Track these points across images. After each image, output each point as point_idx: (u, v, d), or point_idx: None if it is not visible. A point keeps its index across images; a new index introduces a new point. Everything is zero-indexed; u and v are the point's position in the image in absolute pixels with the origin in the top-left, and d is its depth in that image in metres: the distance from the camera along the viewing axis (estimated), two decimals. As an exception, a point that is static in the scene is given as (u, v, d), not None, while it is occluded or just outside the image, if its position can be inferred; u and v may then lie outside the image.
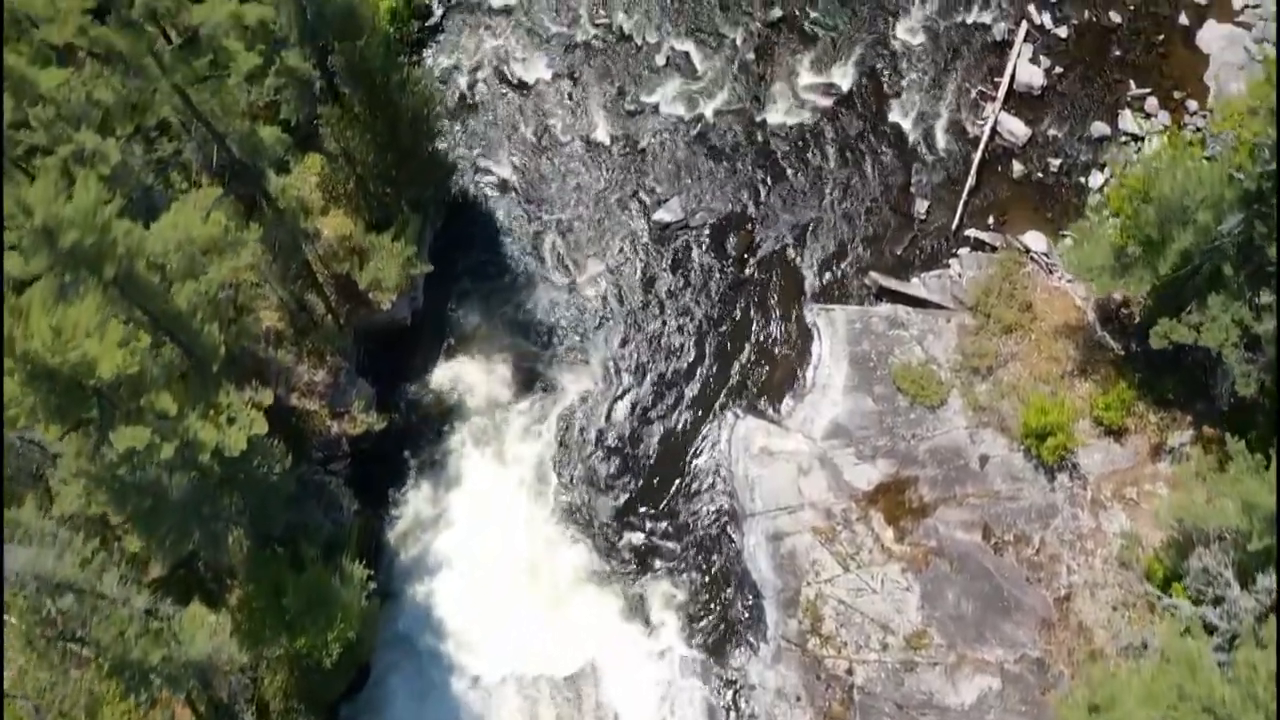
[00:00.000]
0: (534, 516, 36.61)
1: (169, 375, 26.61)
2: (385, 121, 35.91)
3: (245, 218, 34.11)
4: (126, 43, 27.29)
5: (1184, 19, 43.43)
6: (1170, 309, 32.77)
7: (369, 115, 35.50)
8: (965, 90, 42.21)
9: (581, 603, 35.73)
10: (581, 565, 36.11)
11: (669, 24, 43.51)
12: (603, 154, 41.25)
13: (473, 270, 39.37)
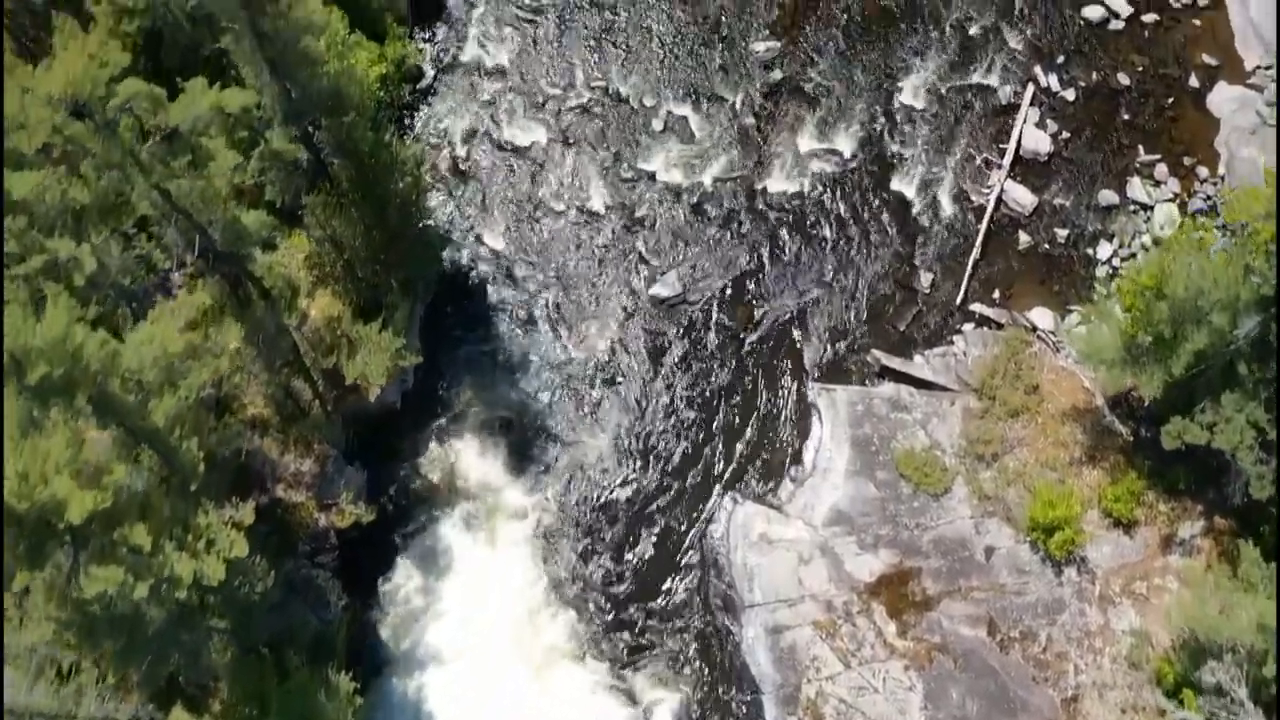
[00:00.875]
0: (527, 603, 35.65)
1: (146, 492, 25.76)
2: (373, 204, 34.96)
3: (231, 295, 33.36)
4: (103, 147, 26.27)
5: (1194, 80, 42.36)
6: (1182, 402, 31.80)
7: (357, 197, 34.57)
8: (970, 156, 41.17)
9: (575, 693, 34.81)
10: (575, 654, 35.20)
11: (666, 86, 42.45)
12: (598, 224, 40.23)
13: (465, 347, 38.37)
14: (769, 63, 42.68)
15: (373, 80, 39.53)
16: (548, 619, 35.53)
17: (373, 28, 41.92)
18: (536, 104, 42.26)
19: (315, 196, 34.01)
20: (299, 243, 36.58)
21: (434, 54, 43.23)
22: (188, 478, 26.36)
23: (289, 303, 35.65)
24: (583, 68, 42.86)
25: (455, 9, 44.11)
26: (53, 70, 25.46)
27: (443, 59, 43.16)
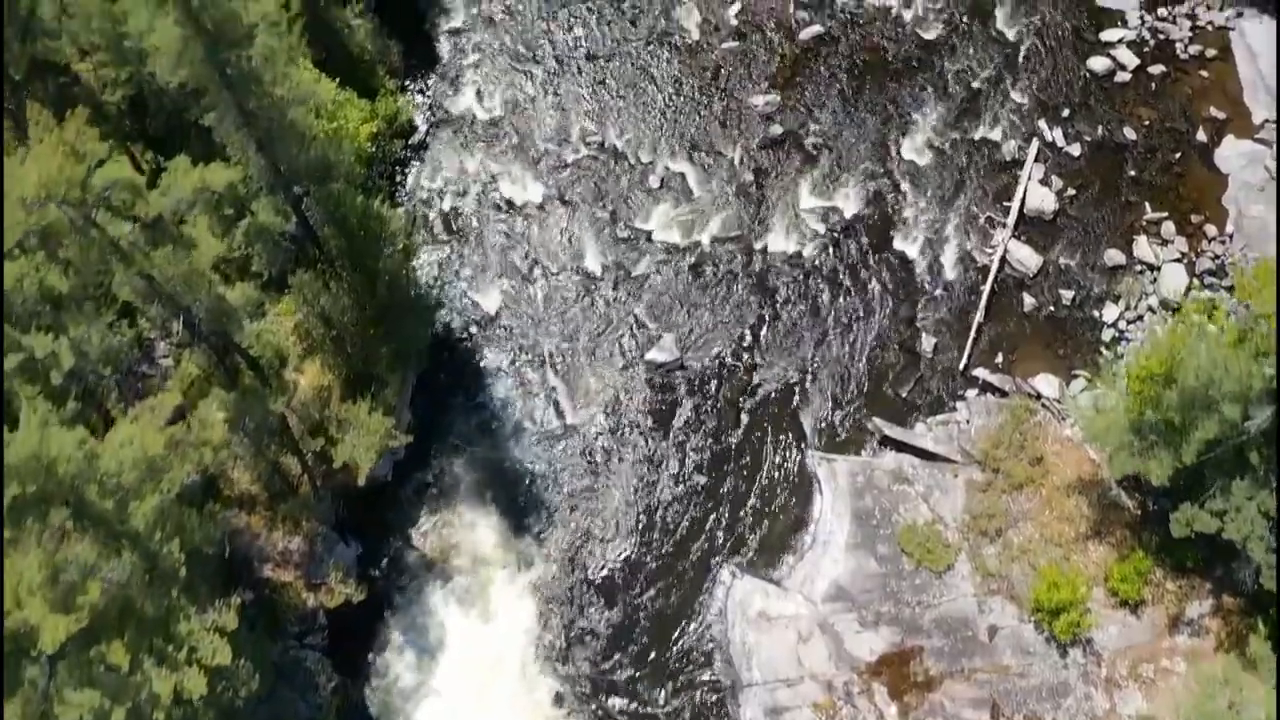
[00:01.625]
0: (520, 682, 34.89)
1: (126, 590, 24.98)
2: (363, 275, 34.25)
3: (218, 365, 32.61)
4: (79, 247, 25.48)
5: (1201, 135, 41.53)
6: (1192, 486, 31.02)
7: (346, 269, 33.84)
8: (974, 215, 40.37)
9: (569, 776, 34.19)
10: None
11: (664, 141, 41.63)
12: (594, 285, 39.42)
13: (458, 415, 37.60)
14: (768, 116, 41.86)
15: (364, 139, 38.83)
16: (542, 696, 34.78)
17: (365, 81, 41.23)
18: (531, 159, 41.45)
19: (303, 274, 33.27)
20: (288, 309, 35.86)
21: (427, 106, 42.46)
22: (169, 581, 25.61)
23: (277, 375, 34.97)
24: (578, 121, 42.05)
25: (449, 59, 43.35)
26: (27, 167, 24.68)
27: (436, 111, 42.37)
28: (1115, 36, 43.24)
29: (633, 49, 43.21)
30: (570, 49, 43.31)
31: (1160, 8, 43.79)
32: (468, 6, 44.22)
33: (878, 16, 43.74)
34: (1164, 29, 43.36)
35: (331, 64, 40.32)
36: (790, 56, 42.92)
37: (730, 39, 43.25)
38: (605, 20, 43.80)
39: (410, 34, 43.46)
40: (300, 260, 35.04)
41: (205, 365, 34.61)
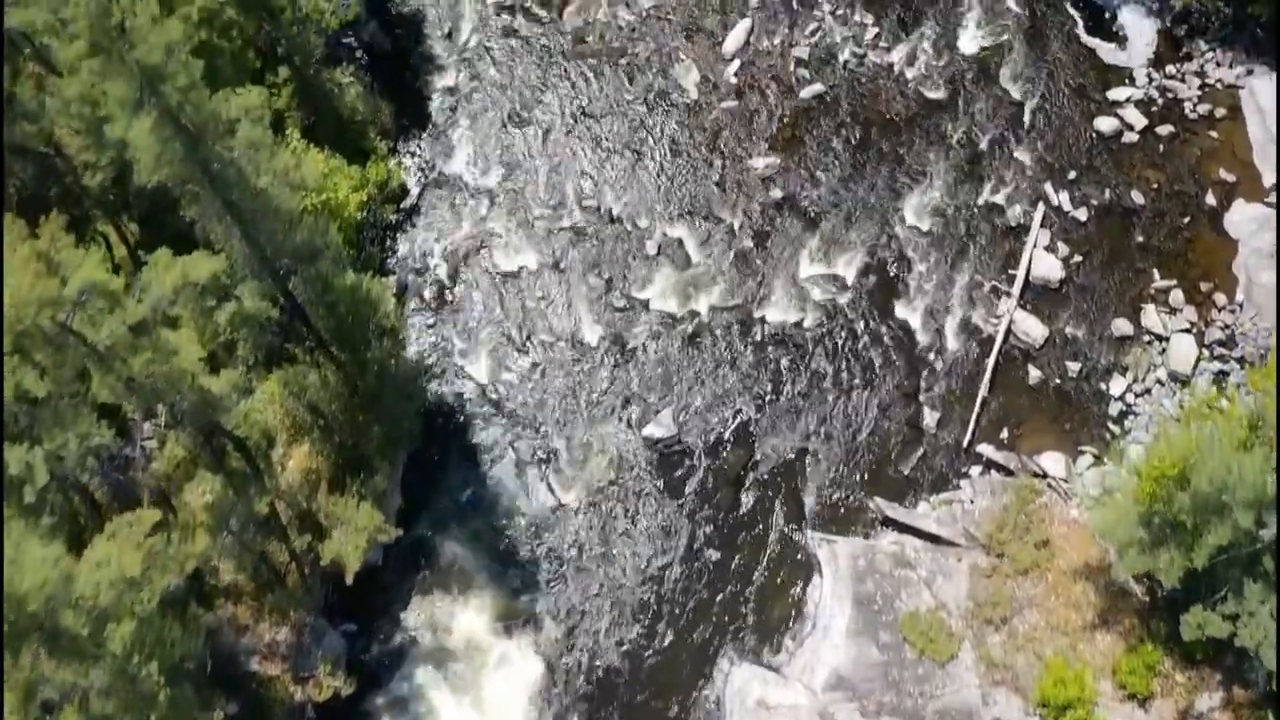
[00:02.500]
0: (514, 771, 34.18)
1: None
2: (351, 356, 33.44)
3: (205, 446, 31.82)
4: (52, 360, 24.63)
5: (1211, 198, 40.64)
6: (1203, 585, 30.17)
7: (336, 354, 33.02)
8: (978, 283, 39.48)
9: None
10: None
11: (661, 205, 40.74)
12: (590, 356, 38.55)
13: (450, 493, 36.76)
14: (768, 179, 40.98)
15: (354, 208, 37.97)
16: (535, 787, 34.05)
17: (356, 142, 40.45)
18: (525, 223, 40.56)
19: (289, 367, 32.47)
20: (275, 388, 34.99)
21: (419, 168, 41.59)
22: (149, 706, 24.77)
23: (265, 456, 34.19)
24: (574, 184, 41.15)
25: (441, 118, 42.46)
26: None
27: (428, 173, 41.50)
28: (1123, 95, 42.34)
29: (630, 108, 42.31)
30: (566, 107, 42.40)
31: (1169, 65, 42.89)
32: (461, 64, 43.33)
33: (880, 74, 42.84)
34: (1172, 88, 42.45)
35: (321, 127, 39.68)
36: (790, 116, 42.01)
37: (729, 98, 42.36)
38: (602, 78, 42.90)
39: (402, 93, 42.57)
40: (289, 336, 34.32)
41: (190, 447, 33.86)
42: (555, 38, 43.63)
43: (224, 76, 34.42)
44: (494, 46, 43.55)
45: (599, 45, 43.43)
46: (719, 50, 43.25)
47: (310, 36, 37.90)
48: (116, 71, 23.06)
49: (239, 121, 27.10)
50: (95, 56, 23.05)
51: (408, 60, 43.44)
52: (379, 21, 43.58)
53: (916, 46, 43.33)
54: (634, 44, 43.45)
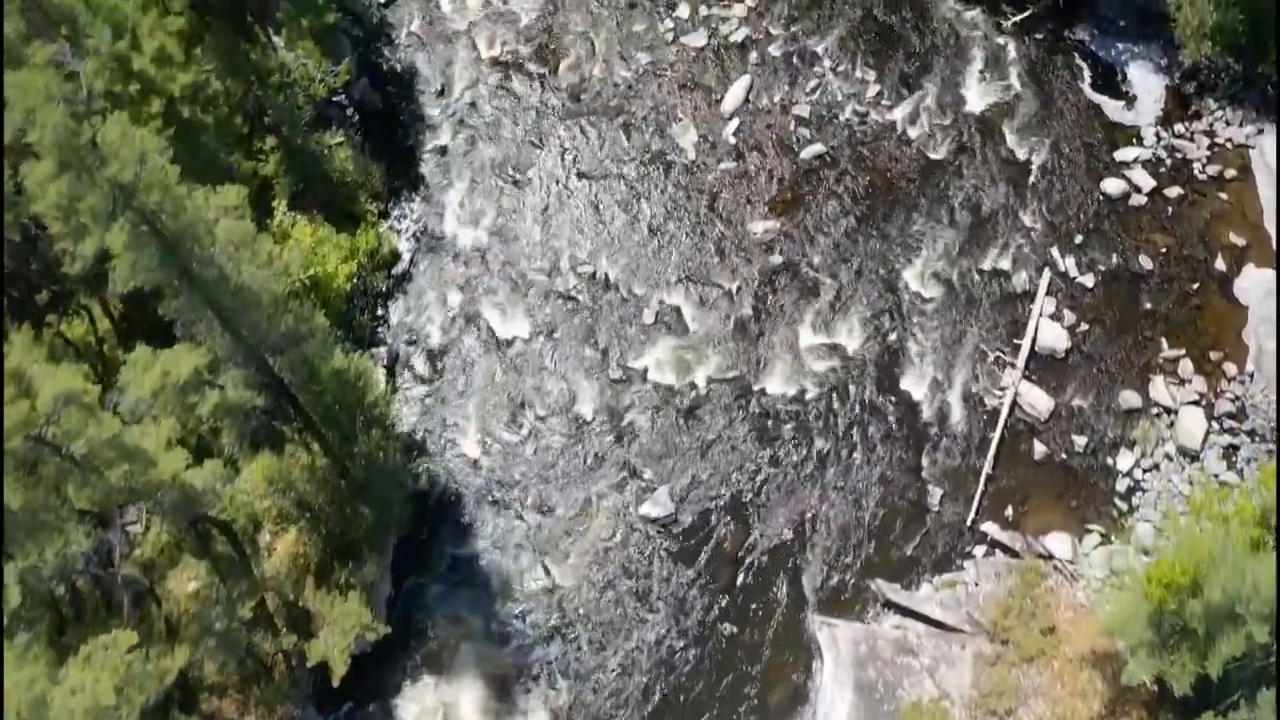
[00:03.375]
0: None
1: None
2: (342, 449, 32.58)
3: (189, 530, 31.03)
4: (19, 499, 23.73)
5: (1220, 263, 39.71)
6: (1215, 690, 29.28)
7: (322, 442, 32.16)
8: (983, 353, 38.54)
9: None
10: None
11: (658, 271, 39.83)
12: (584, 430, 37.64)
13: (441, 574, 35.82)
14: (768, 244, 40.08)
15: (342, 280, 37.10)
16: None
17: (345, 206, 39.60)
18: (519, 290, 39.67)
19: (274, 456, 31.62)
20: (262, 472, 34.10)
21: (411, 232, 40.72)
22: None
23: (251, 540, 33.43)
24: (569, 248, 40.26)
25: (433, 179, 41.59)
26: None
27: (420, 238, 40.61)
28: (1131, 156, 41.42)
29: (626, 169, 41.42)
30: (560, 168, 41.54)
31: (1178, 123, 42.00)
32: (453, 122, 42.46)
33: (883, 134, 41.93)
34: (1181, 147, 41.55)
35: (310, 192, 38.89)
36: (791, 178, 41.12)
37: (728, 159, 41.47)
38: (598, 137, 42.00)
39: (393, 152, 41.75)
40: (277, 414, 33.45)
41: (174, 532, 33.14)
42: (550, 95, 42.75)
43: (207, 153, 33.68)
44: (487, 104, 42.68)
45: (595, 103, 42.54)
46: (718, 108, 42.36)
47: (298, 103, 36.98)
48: (87, 189, 22.14)
49: (218, 223, 26.18)
50: (63, 175, 22.13)
51: (399, 118, 42.62)
52: (370, 79, 42.75)
53: (920, 104, 42.43)
54: (630, 101, 42.56)
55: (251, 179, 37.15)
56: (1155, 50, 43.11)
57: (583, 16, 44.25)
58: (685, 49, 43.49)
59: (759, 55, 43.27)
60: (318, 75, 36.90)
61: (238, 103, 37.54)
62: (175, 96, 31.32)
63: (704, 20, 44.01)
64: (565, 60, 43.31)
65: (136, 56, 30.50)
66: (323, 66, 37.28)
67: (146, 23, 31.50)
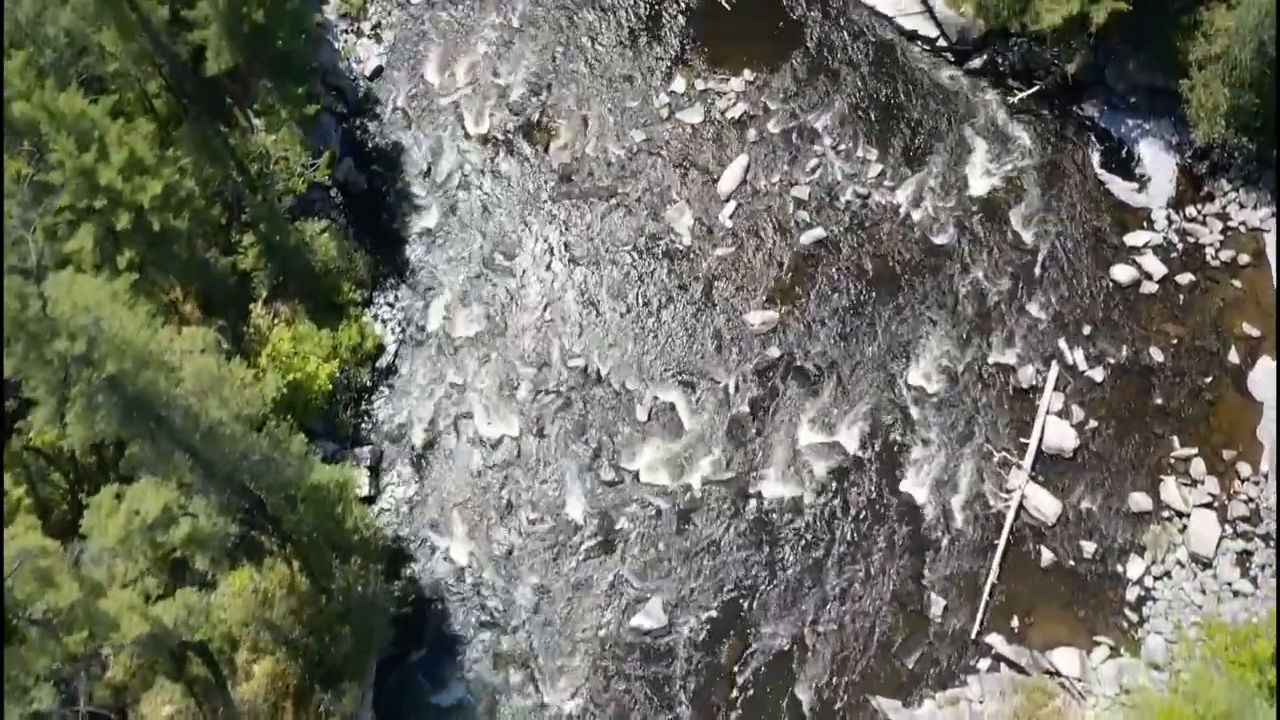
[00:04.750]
0: None
1: None
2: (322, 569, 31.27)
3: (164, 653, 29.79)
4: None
5: (1234, 355, 38.36)
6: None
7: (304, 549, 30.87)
8: (988, 453, 37.19)
9: None
10: None
11: (652, 366, 38.43)
12: (575, 536, 36.30)
13: (426, 695, 34.49)
14: (765, 336, 38.69)
15: (324, 381, 35.72)
16: None
17: (328, 296, 38.19)
18: (508, 385, 38.29)
19: (253, 571, 30.28)
20: (237, 585, 32.78)
21: (396, 321, 39.28)
22: None
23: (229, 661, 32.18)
24: (559, 340, 38.86)
25: (420, 265, 40.18)
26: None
27: (406, 328, 39.20)
28: (1141, 240, 40.04)
29: (619, 255, 40.01)
30: (551, 254, 40.13)
31: (1189, 206, 40.59)
32: (440, 204, 41.01)
33: (885, 217, 40.52)
34: (1193, 231, 40.17)
35: (293, 282, 37.50)
36: (789, 265, 39.72)
37: (725, 244, 40.06)
38: (590, 220, 40.58)
39: (378, 236, 40.39)
40: (255, 524, 32.15)
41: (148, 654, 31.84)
42: (540, 175, 41.32)
43: (179, 262, 32.36)
44: (475, 185, 41.22)
45: (587, 183, 41.11)
46: (714, 189, 40.93)
47: (278, 196, 35.59)
48: (36, 367, 20.79)
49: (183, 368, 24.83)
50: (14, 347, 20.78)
51: (384, 199, 41.18)
52: (354, 158, 41.31)
53: (923, 185, 41.00)
54: (624, 182, 41.13)
55: (229, 275, 35.86)
56: (1166, 127, 41.69)
57: (575, 89, 42.78)
58: (681, 125, 42.04)
59: (757, 132, 41.82)
60: (297, 168, 35.47)
61: (215, 191, 36.20)
62: (145, 208, 29.89)
63: (700, 95, 42.54)
64: (557, 138, 41.85)
65: (104, 169, 29.07)
66: (302, 158, 35.83)
67: (115, 130, 30.08)
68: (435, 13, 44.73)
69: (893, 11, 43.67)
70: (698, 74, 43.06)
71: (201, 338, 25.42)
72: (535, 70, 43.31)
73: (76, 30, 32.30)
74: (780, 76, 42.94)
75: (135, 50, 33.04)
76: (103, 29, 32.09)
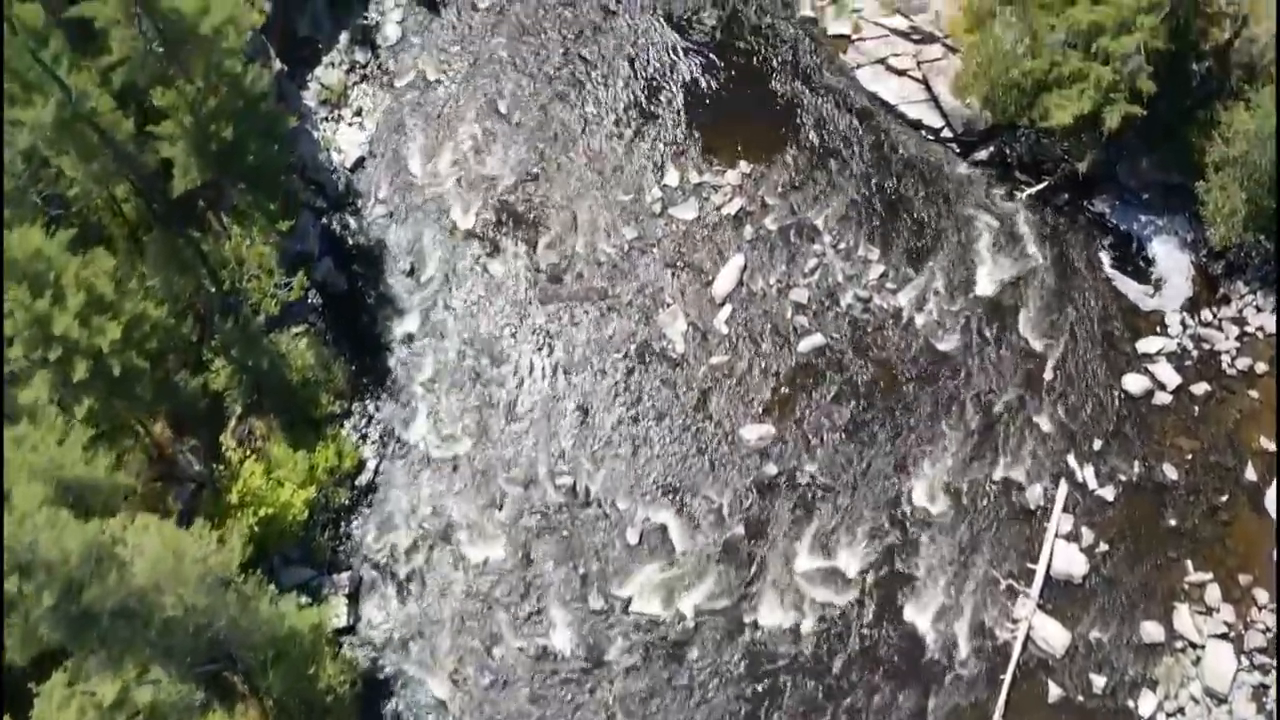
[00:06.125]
0: None
1: None
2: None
3: None
4: None
5: (1251, 472, 36.79)
6: None
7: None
8: (993, 579, 35.59)
9: None
10: None
11: (643, 484, 36.76)
12: (561, 670, 34.59)
13: (406, 838, 33.14)
14: (762, 452, 37.05)
15: (299, 509, 34.12)
16: None
17: (306, 410, 36.51)
18: (493, 505, 36.60)
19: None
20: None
21: (377, 435, 37.54)
22: None
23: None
24: (547, 455, 37.17)
25: (401, 373, 38.43)
26: None
27: (386, 441, 37.47)
28: (1154, 347, 38.42)
29: (609, 363, 38.30)
30: (538, 362, 38.40)
31: (1205, 309, 39.01)
32: (423, 307, 39.24)
33: (887, 322, 38.85)
34: (1209, 337, 38.55)
35: (268, 398, 35.86)
36: (787, 375, 38.05)
37: (720, 352, 38.37)
38: (578, 325, 38.84)
39: (358, 341, 38.60)
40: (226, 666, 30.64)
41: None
42: (527, 276, 39.58)
43: (142, 402, 30.75)
44: (459, 287, 39.46)
45: (576, 285, 39.39)
46: (709, 292, 39.22)
47: (250, 319, 33.91)
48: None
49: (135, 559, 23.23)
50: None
51: (365, 301, 39.40)
52: (335, 257, 39.55)
53: (927, 286, 39.34)
54: (615, 284, 39.42)
55: (200, 397, 34.21)
56: (1180, 224, 40.09)
57: (565, 182, 41.02)
58: (675, 221, 40.32)
59: (754, 229, 40.11)
60: (270, 288, 33.77)
61: (185, 307, 34.55)
62: (104, 352, 28.23)
63: (695, 188, 40.82)
64: (545, 235, 40.10)
65: (59, 315, 27.38)
66: (276, 277, 34.11)
67: (72, 269, 28.36)
68: (420, 95, 42.92)
69: (896, 100, 41.95)
70: (692, 165, 41.31)
71: (158, 528, 23.76)
72: (523, 159, 41.56)
73: (36, 153, 30.56)
74: (778, 168, 41.23)
75: (97, 171, 31.28)
76: (61, 154, 30.34)
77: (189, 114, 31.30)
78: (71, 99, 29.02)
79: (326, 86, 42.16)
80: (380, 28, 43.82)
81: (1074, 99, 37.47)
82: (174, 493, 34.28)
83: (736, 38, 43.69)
